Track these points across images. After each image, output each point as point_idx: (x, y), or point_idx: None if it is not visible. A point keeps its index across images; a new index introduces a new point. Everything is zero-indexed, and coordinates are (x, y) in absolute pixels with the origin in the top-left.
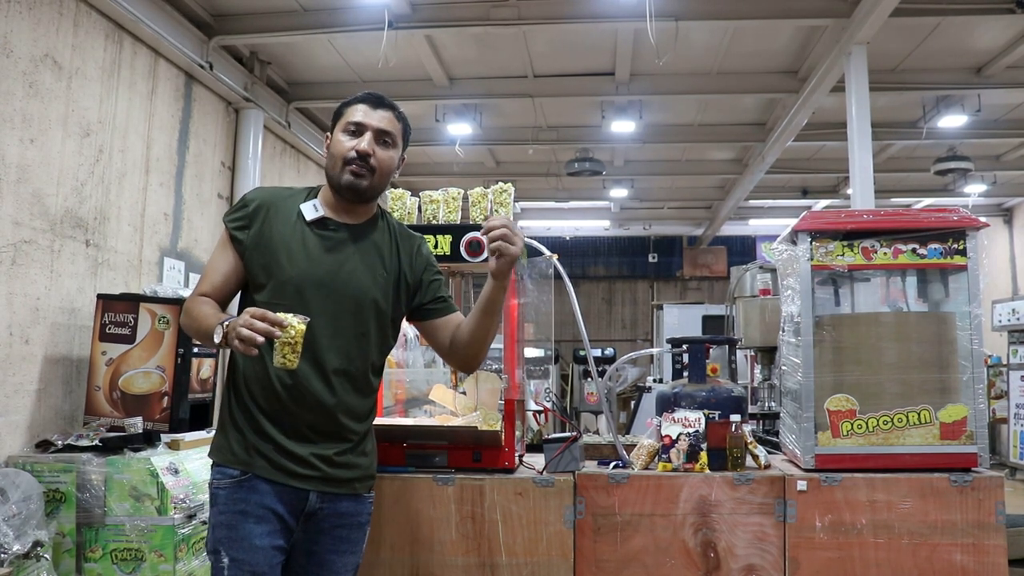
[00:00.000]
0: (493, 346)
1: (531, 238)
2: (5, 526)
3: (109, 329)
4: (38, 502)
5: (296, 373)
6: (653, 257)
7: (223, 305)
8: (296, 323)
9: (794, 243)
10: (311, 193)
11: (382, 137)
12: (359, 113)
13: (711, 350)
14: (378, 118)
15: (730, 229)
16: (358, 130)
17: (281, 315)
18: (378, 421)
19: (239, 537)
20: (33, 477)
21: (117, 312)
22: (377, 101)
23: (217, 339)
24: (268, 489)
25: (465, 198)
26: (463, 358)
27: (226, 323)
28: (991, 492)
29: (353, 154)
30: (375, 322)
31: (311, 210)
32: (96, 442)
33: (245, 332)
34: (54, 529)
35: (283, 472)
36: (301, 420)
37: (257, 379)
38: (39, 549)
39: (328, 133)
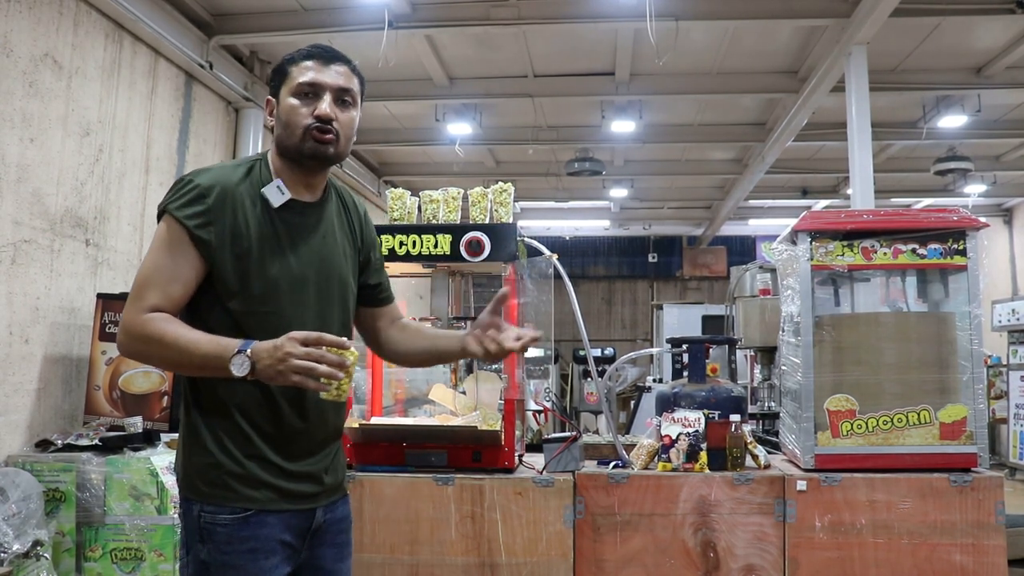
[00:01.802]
0: None
1: (531, 238)
2: (5, 525)
3: (109, 328)
4: (38, 501)
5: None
6: (653, 257)
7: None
8: (352, 349)
9: (794, 243)
10: (263, 170)
11: (341, 96)
12: (311, 71)
13: (711, 350)
14: (334, 75)
15: (730, 229)
16: (313, 91)
17: (338, 338)
18: (377, 421)
19: None
20: (33, 476)
21: (117, 311)
22: (329, 55)
23: (240, 372)
24: (276, 520)
25: (465, 198)
26: (392, 360)
27: (248, 350)
28: (991, 492)
29: (311, 120)
30: (351, 307)
31: (276, 194)
32: (96, 441)
33: (323, 368)
34: (54, 528)
35: (291, 498)
36: (305, 435)
37: (253, 399)
38: (39, 548)
39: (270, 97)
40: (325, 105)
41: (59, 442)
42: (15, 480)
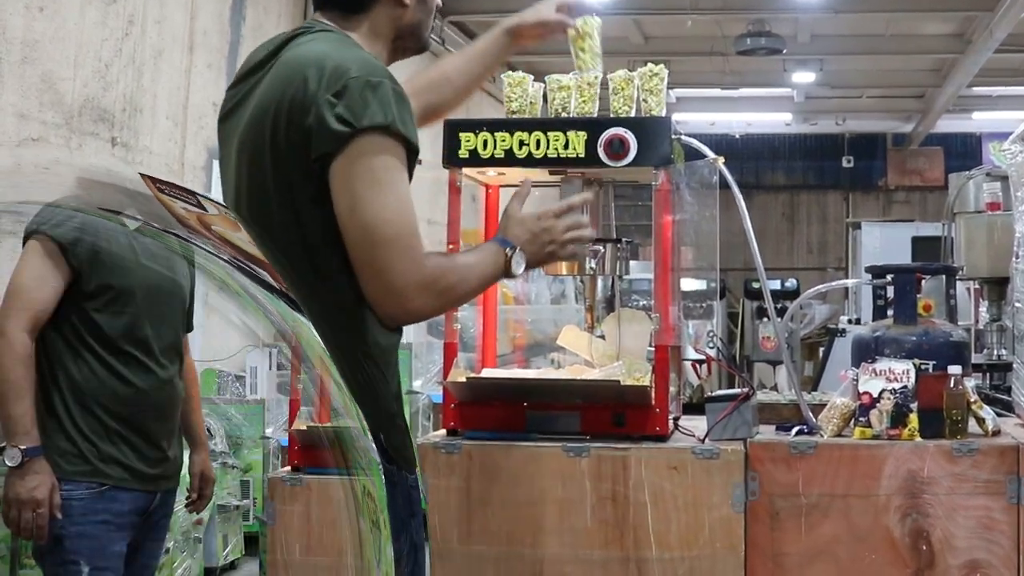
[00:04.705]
0: (641, 276)
1: (690, 136)
2: None
3: None
4: None
5: None
6: (848, 161)
7: None
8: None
9: None
10: None
11: None
12: None
13: (923, 282)
14: None
15: (948, 125)
16: None
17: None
18: (489, 373)
19: None
20: None
21: None
22: None
23: (520, 269)
24: None
25: (604, 84)
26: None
27: (516, 246)
28: None
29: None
30: None
31: None
32: None
33: (587, 232)
34: None
35: None
36: None
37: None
38: None
39: None
40: None
41: None
42: None
